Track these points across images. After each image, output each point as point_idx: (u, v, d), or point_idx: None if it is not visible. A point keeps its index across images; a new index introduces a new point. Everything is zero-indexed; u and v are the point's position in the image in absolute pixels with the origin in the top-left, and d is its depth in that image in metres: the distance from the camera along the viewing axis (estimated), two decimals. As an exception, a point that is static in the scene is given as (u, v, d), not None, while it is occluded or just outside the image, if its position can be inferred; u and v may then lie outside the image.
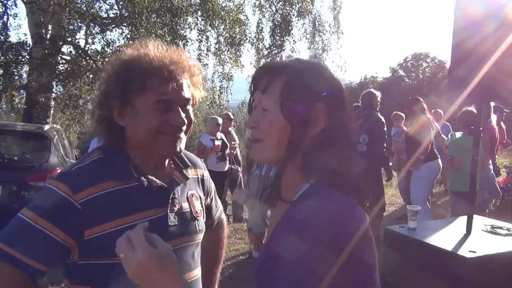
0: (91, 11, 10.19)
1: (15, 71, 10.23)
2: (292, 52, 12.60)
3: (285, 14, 12.61)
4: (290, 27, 12.66)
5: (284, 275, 0.84)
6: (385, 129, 5.56)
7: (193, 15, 11.38)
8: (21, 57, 10.10)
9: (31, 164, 5.32)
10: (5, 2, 10.33)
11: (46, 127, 5.87)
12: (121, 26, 10.41)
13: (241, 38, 12.05)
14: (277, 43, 12.70)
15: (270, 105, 0.94)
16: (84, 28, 10.87)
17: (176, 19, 10.28)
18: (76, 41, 10.86)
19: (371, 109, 5.33)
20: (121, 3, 10.40)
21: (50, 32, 10.00)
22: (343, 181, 0.90)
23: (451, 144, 5.38)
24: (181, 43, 10.37)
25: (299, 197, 0.92)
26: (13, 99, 10.94)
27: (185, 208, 1.29)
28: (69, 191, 1.12)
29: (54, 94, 10.57)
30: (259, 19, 12.59)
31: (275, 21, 12.64)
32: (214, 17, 11.11)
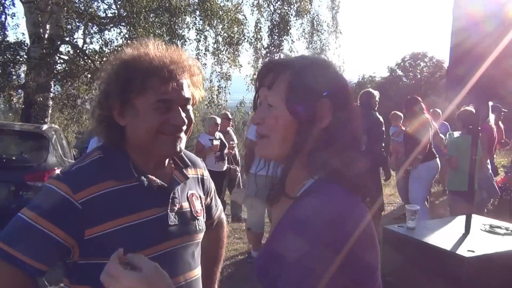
0: (89, 10, 10.18)
1: (13, 70, 10.22)
2: (290, 51, 12.61)
3: (283, 13, 12.63)
4: (288, 27, 12.69)
5: (284, 275, 0.84)
6: (384, 129, 5.57)
7: (191, 15, 11.38)
8: (19, 57, 10.10)
9: (29, 164, 5.28)
10: (3, 1, 10.32)
11: (44, 127, 5.85)
12: (119, 25, 10.42)
13: (239, 37, 12.06)
14: (275, 43, 12.71)
15: (275, 101, 0.94)
16: (82, 27, 10.89)
17: (174, 18, 10.28)
18: (74, 40, 10.87)
19: (369, 108, 5.33)
20: (119, 2, 10.39)
21: (48, 31, 10.00)
22: (348, 178, 0.90)
23: (449, 143, 5.38)
24: (179, 42, 10.38)
25: (303, 193, 0.92)
26: (11, 98, 10.94)
27: (185, 207, 1.29)
28: (69, 191, 1.12)
29: (52, 93, 10.56)
30: (257, 19, 12.61)
31: (273, 20, 12.66)
32: (212, 16, 11.12)
